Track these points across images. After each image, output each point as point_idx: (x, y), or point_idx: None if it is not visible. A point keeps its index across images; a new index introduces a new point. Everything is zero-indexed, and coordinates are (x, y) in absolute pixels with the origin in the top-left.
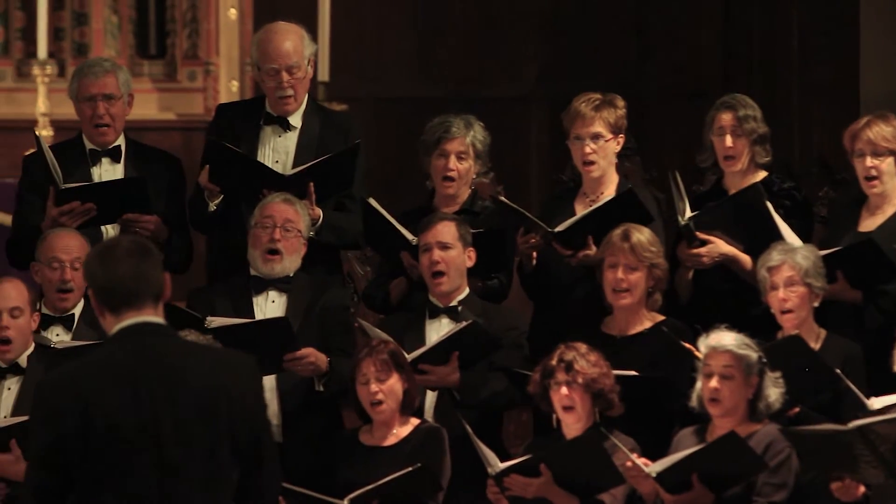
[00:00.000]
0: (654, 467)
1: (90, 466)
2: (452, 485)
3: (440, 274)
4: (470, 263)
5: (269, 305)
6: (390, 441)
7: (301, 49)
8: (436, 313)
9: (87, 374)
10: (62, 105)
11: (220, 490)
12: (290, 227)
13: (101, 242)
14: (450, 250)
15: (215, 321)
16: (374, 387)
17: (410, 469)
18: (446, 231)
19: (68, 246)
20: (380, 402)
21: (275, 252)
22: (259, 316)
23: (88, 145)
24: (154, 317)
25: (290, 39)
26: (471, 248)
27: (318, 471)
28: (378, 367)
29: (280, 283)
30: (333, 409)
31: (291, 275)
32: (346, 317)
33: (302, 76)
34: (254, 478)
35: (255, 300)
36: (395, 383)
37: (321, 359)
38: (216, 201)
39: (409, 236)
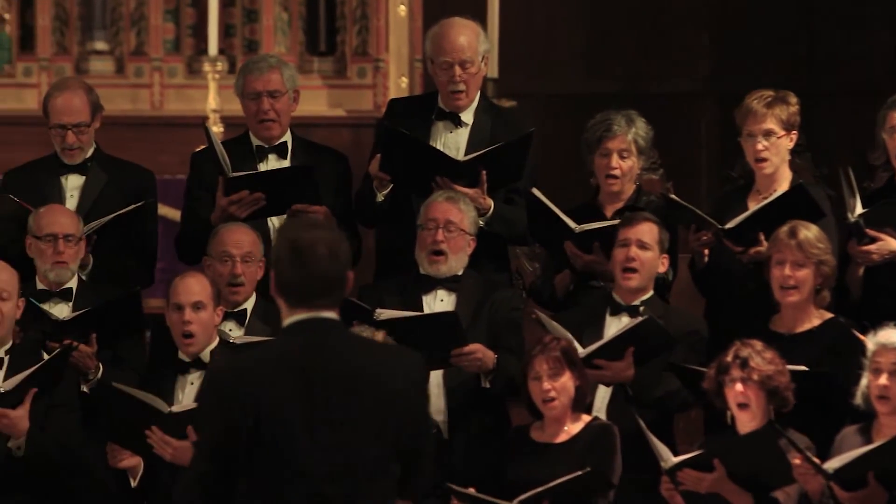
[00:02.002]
0: (829, 465)
1: (258, 459)
2: (623, 482)
3: (633, 270)
4: (662, 269)
5: (438, 304)
6: (562, 438)
7: (475, 45)
8: (617, 310)
9: (259, 365)
10: (232, 101)
11: (383, 486)
12: (452, 227)
13: (300, 232)
14: (647, 251)
15: (384, 314)
16: (546, 384)
17: (580, 473)
18: (648, 231)
19: (239, 241)
20: (552, 399)
21: (439, 253)
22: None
23: (255, 142)
24: (329, 313)
25: (465, 34)
26: (665, 255)
27: (486, 468)
28: (551, 364)
29: (448, 283)
30: (500, 407)
31: (460, 273)
32: (515, 316)
33: (475, 72)
34: (413, 474)
35: (424, 299)
36: (567, 380)
37: (488, 355)
38: (385, 191)
39: (572, 224)
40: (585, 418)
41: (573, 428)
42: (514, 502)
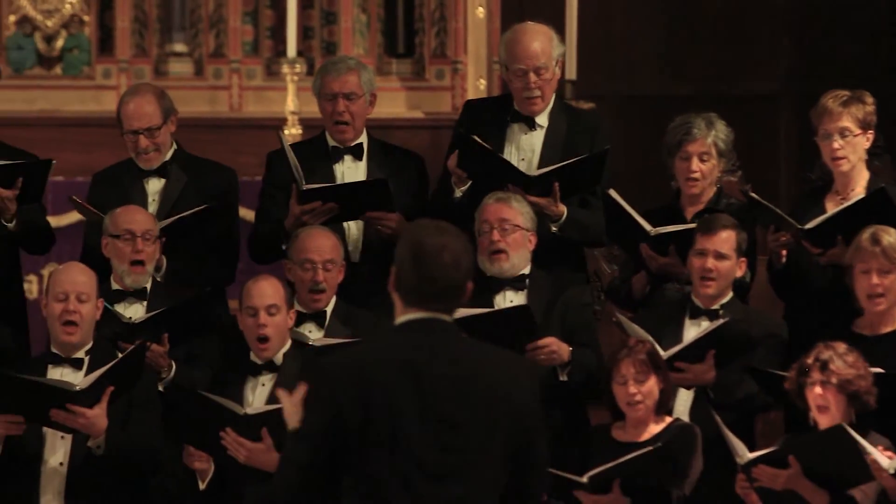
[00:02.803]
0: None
1: (364, 455)
2: (704, 484)
3: (710, 280)
4: (740, 273)
5: (508, 304)
6: (643, 437)
7: (549, 50)
8: (696, 314)
9: (370, 361)
10: (310, 103)
11: (489, 491)
12: (507, 225)
13: (427, 236)
14: (725, 261)
15: (458, 311)
16: (632, 388)
17: (651, 448)
18: (726, 240)
19: (321, 247)
20: (637, 403)
21: (499, 251)
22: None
23: (331, 142)
24: (445, 315)
25: (539, 40)
26: (743, 259)
27: (562, 463)
28: (637, 367)
29: (516, 283)
30: (577, 403)
31: (526, 272)
32: (587, 313)
33: (549, 77)
34: (522, 481)
35: (494, 299)
36: (652, 384)
37: (563, 348)
38: (463, 188)
39: (647, 227)
40: (667, 419)
41: (655, 428)
42: (585, 477)
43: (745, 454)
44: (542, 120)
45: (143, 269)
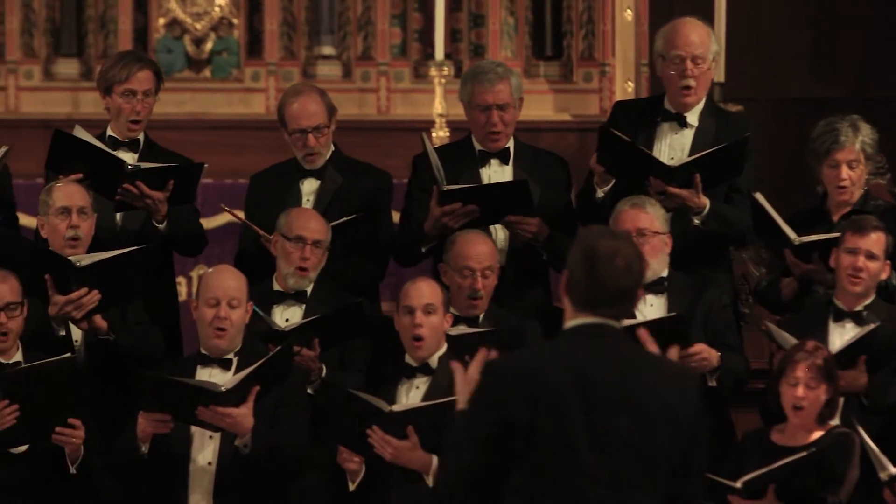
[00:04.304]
0: None
1: (529, 457)
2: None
3: (859, 278)
4: (885, 276)
5: (649, 309)
6: (802, 442)
7: (708, 42)
8: (840, 317)
9: (539, 364)
10: (458, 106)
11: (653, 497)
12: (645, 232)
13: (601, 240)
14: (875, 261)
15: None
16: (801, 391)
17: (805, 454)
18: (877, 242)
19: (480, 254)
20: (802, 408)
21: None
22: (640, 318)
23: (477, 146)
24: (612, 320)
25: (698, 32)
26: (887, 262)
27: (713, 467)
28: (812, 373)
29: (654, 286)
30: (724, 409)
31: (664, 274)
32: (728, 314)
33: (705, 69)
34: (682, 489)
35: None
36: (821, 393)
37: (713, 354)
38: (605, 188)
39: (792, 235)
40: (828, 425)
41: (814, 434)
42: (739, 482)
43: (889, 468)
44: (693, 119)
45: (307, 275)
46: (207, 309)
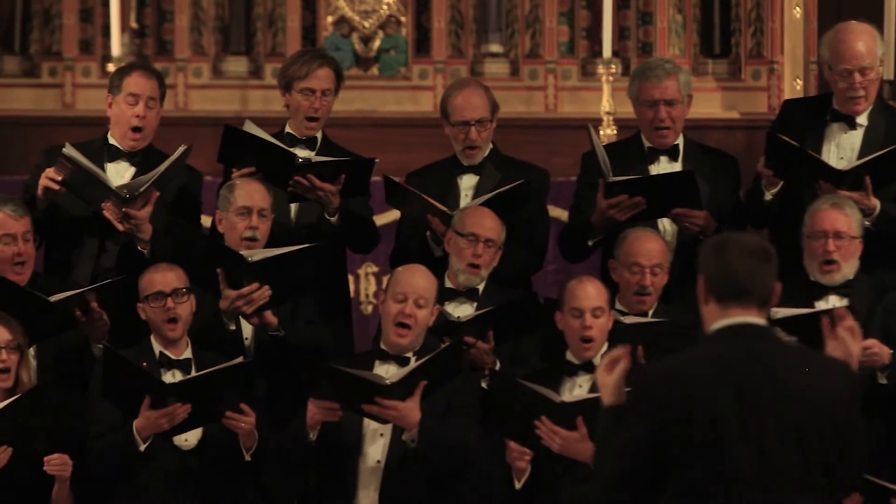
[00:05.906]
0: None
1: (686, 462)
2: None
3: None
4: None
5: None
6: None
7: (874, 50)
8: None
9: (692, 367)
10: (625, 104)
11: (811, 497)
12: (842, 235)
13: (729, 234)
14: None
15: (780, 312)
16: None
17: None
18: None
19: (651, 251)
20: None
21: (832, 262)
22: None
23: (647, 144)
24: (758, 318)
25: (864, 40)
26: None
27: (875, 469)
28: None
29: (841, 289)
30: (892, 410)
31: (851, 277)
32: None
33: (874, 77)
34: (837, 474)
35: (816, 305)
36: None
37: (884, 350)
38: (773, 190)
39: None
40: None
41: None
42: None
43: None
44: (863, 119)
45: (478, 272)
46: (394, 304)
